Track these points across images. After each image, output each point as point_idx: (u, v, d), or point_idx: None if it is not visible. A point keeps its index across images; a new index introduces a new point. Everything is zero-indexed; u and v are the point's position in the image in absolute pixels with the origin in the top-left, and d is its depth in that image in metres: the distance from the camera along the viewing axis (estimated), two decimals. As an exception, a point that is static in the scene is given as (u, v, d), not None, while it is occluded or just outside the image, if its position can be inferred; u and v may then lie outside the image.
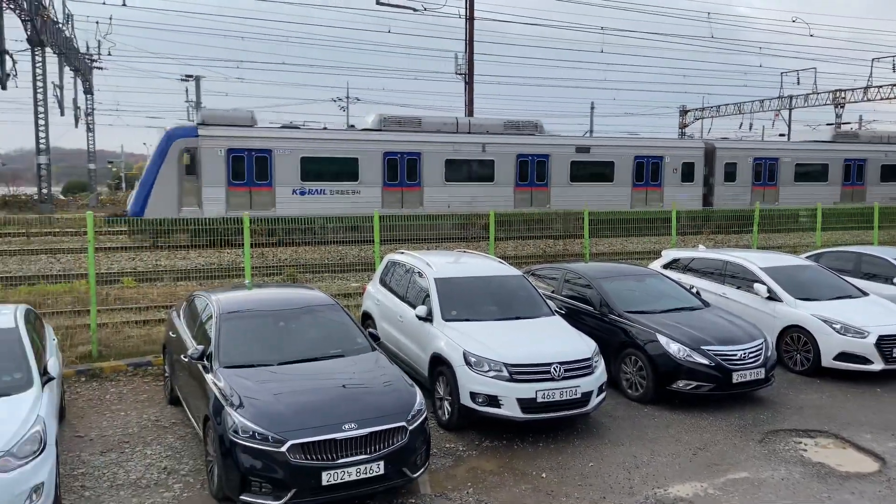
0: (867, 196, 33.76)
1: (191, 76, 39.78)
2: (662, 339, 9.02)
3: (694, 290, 10.79)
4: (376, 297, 10.60)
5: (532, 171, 27.86)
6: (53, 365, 6.85)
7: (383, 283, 10.64)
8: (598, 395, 7.97)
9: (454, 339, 8.19)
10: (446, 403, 8.09)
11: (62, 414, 7.99)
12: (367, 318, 10.75)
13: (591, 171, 28.97)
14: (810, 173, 33.00)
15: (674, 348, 8.91)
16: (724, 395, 9.00)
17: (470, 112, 33.40)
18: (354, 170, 24.84)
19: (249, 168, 23.37)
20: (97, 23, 32.35)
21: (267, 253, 20.06)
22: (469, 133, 26.94)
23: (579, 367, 7.86)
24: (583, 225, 15.47)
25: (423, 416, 6.59)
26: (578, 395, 7.75)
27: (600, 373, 8.08)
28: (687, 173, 30.72)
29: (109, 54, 28.93)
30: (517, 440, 7.76)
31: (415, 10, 21.93)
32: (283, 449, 5.84)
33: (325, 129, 26.84)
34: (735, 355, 8.91)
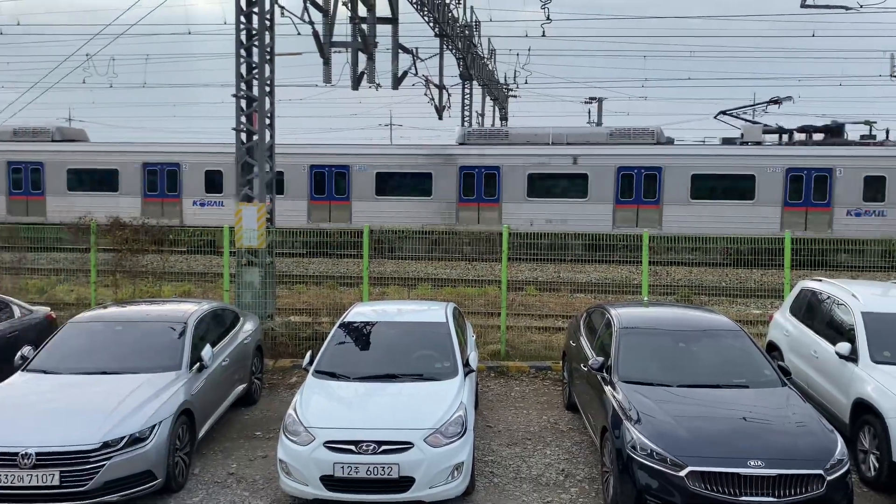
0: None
1: (594, 98, 41.49)
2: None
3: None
4: (785, 327, 9.67)
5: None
6: (474, 358, 7.71)
7: (794, 312, 9.65)
8: None
9: (885, 384, 7.02)
10: (872, 457, 6.97)
11: (476, 403, 8.96)
12: (772, 349, 9.87)
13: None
14: None
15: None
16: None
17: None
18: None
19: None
20: (517, 55, 35.95)
21: (660, 271, 19.83)
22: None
23: None
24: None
25: (846, 467, 5.78)
26: None
27: None
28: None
29: (526, 82, 31.80)
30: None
31: (847, 8, 19.32)
32: (682, 474, 5.67)
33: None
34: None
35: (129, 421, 6.31)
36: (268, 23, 12.36)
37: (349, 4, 15.91)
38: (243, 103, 12.40)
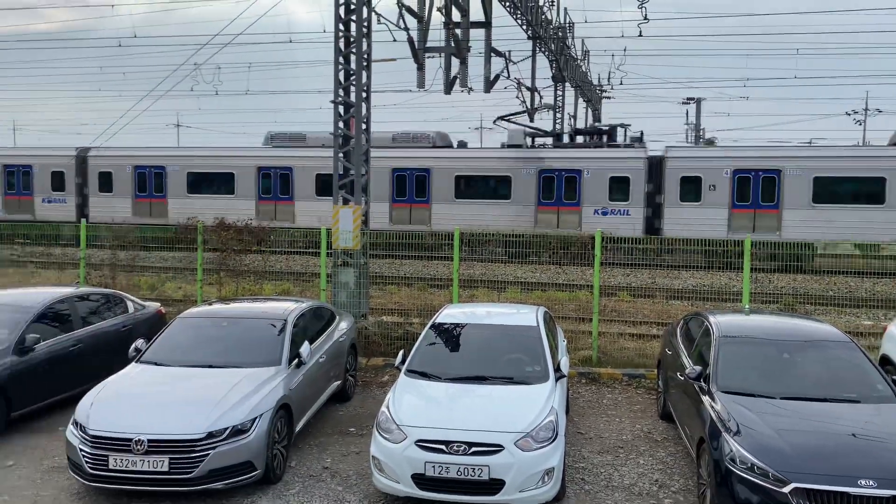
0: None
1: (692, 99, 40.25)
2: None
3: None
4: (901, 339, 9.07)
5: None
6: (565, 364, 7.63)
7: (912, 324, 9.04)
8: None
9: None
10: None
11: (567, 409, 8.86)
12: (885, 363, 9.27)
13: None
14: None
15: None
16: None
17: None
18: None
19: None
20: (612, 56, 35.38)
21: (762, 279, 19.00)
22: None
23: None
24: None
25: (970, 492, 5.36)
26: None
27: None
28: None
29: (621, 83, 31.19)
30: None
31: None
32: (786, 490, 5.42)
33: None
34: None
35: (232, 413, 6.60)
36: (365, 30, 12.66)
37: (443, 10, 16.10)
38: (341, 109, 12.75)
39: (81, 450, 6.42)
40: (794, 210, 22.17)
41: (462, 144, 27.71)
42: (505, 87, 25.65)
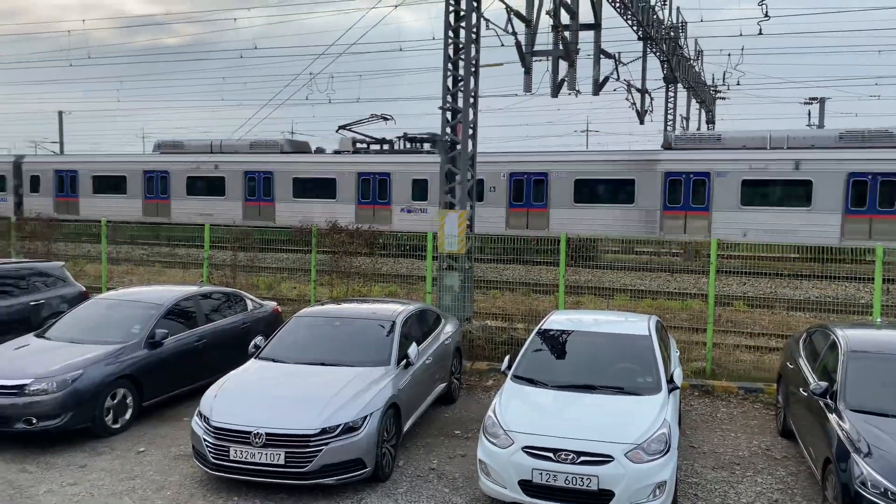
0: None
1: (815, 98, 38.02)
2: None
3: None
4: None
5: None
6: (679, 375, 7.37)
7: None
8: None
9: None
10: None
11: (679, 422, 8.55)
12: None
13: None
14: None
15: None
16: None
17: None
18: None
19: None
20: (728, 55, 33.93)
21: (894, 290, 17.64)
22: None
23: None
24: None
25: None
26: None
27: None
28: None
29: (738, 83, 29.75)
30: None
31: None
32: (925, 520, 5.01)
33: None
34: None
35: (344, 410, 6.80)
36: (473, 36, 12.76)
37: (552, 13, 15.97)
38: (448, 115, 12.90)
39: (205, 440, 6.80)
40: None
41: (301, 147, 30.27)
42: (614, 89, 25.19)
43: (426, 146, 27.90)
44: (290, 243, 20.52)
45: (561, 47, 16.60)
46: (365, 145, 28.86)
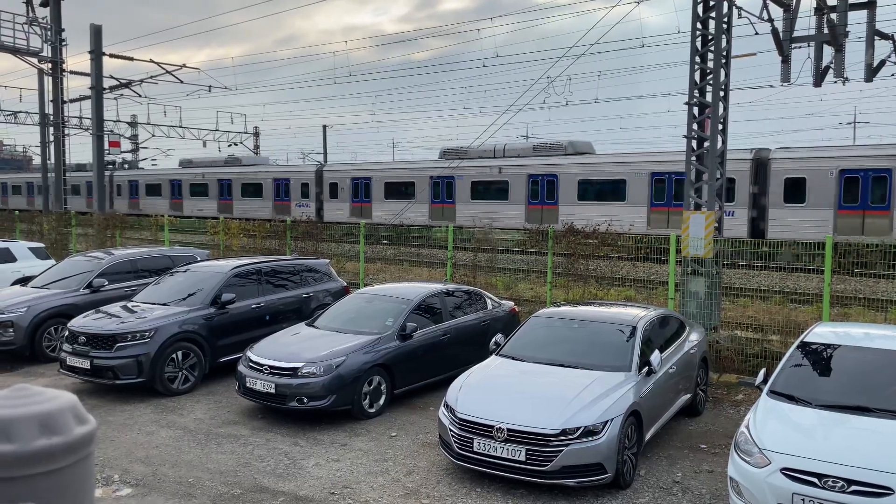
0: None
1: None
2: None
3: None
4: None
5: None
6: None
7: None
8: None
9: None
10: None
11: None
12: None
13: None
14: None
15: None
16: None
17: None
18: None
19: None
20: None
21: None
22: None
23: None
24: None
25: None
26: None
27: None
28: None
29: None
30: None
31: None
32: None
33: None
34: None
35: (584, 413, 6.75)
36: (724, 26, 11.98)
37: (816, -6, 14.48)
38: (695, 110, 12.25)
39: (451, 430, 7.14)
40: None
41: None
42: (892, 74, 22.16)
43: None
44: (523, 245, 20.89)
45: (825, 31, 14.99)
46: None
